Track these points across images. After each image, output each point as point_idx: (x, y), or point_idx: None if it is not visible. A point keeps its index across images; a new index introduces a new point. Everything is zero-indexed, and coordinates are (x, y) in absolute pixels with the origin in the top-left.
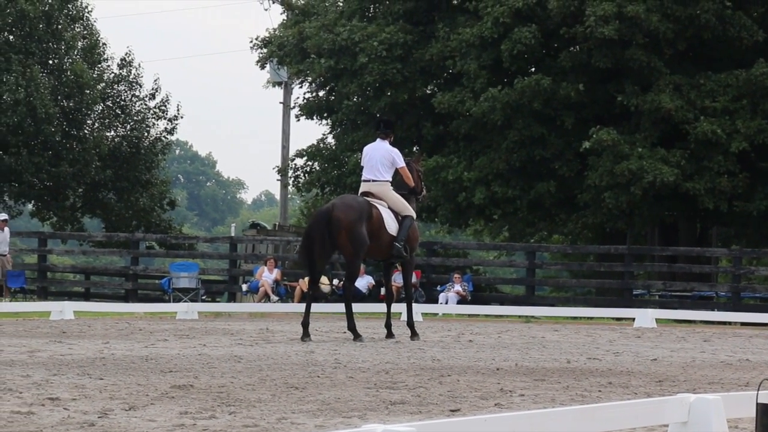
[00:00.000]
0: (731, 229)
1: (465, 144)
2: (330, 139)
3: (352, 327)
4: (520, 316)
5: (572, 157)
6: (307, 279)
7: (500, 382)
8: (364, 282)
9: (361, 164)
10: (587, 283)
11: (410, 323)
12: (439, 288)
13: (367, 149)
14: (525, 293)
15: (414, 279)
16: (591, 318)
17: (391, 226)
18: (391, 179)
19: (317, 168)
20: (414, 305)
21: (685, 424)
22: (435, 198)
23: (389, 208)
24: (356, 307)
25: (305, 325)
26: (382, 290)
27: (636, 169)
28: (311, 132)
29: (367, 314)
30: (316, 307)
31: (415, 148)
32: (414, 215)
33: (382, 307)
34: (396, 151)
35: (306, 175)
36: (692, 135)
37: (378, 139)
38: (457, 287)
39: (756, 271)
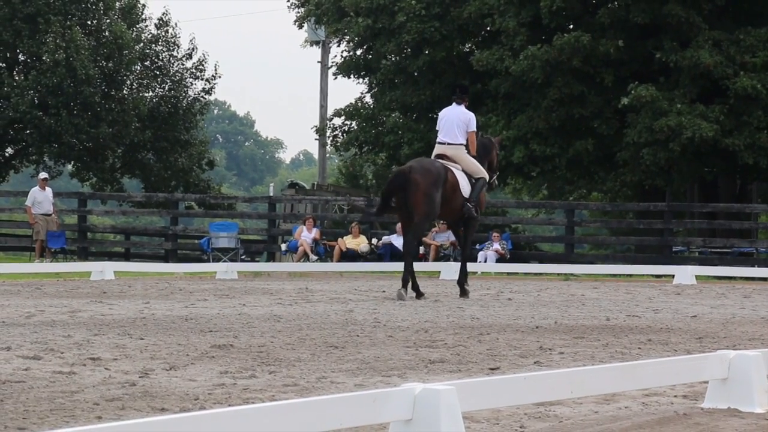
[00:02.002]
0: None
1: (504, 102)
2: (368, 99)
3: (414, 286)
4: (559, 274)
5: (611, 114)
6: (345, 238)
7: (539, 340)
8: (400, 241)
9: (437, 128)
10: (626, 241)
11: (461, 282)
12: (477, 246)
13: (444, 113)
14: (564, 251)
15: (453, 238)
16: (630, 275)
17: (465, 189)
18: (465, 142)
19: (355, 127)
20: (452, 263)
21: (725, 381)
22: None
23: (463, 170)
24: (395, 266)
25: (405, 282)
26: (420, 249)
27: (675, 125)
28: (349, 91)
29: (400, 273)
30: (353, 266)
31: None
32: (487, 177)
33: (418, 266)
34: (472, 114)
35: (344, 134)
36: (731, 90)
37: (454, 104)
38: (496, 245)
39: None
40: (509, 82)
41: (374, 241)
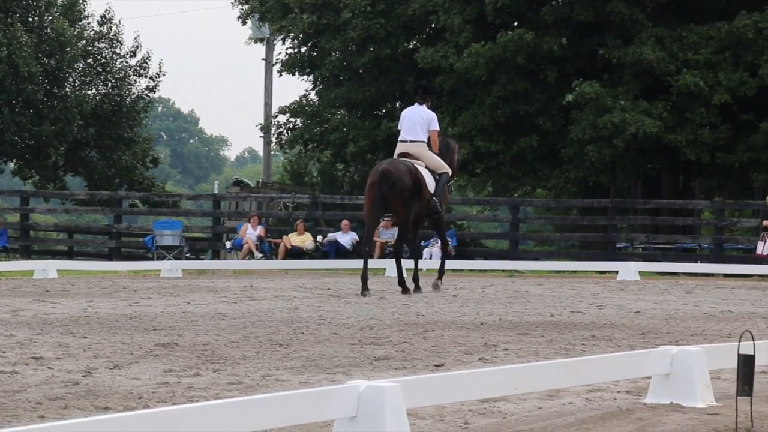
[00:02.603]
0: (713, 181)
1: (448, 99)
2: (313, 96)
3: (401, 282)
4: (504, 271)
5: (555, 111)
6: (290, 235)
7: (484, 337)
8: (348, 238)
9: (399, 127)
10: (571, 237)
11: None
12: (423, 243)
13: (405, 112)
14: (509, 248)
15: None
16: (574, 271)
17: (431, 185)
18: (427, 140)
19: (300, 125)
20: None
21: (667, 376)
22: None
23: (426, 167)
24: (340, 263)
25: (364, 279)
26: None
27: (618, 121)
28: (294, 88)
29: (351, 270)
30: (298, 263)
31: (398, 104)
32: (450, 172)
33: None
34: (434, 114)
35: (289, 131)
36: (674, 87)
37: (416, 104)
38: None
39: (738, 222)
40: (454, 79)
41: (319, 238)
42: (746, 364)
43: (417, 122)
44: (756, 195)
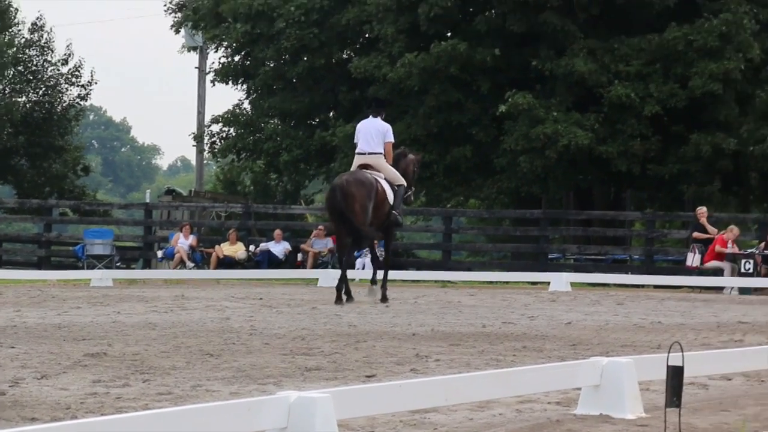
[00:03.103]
0: (644, 192)
1: None
2: (246, 105)
3: (345, 289)
4: (436, 281)
5: (488, 122)
6: (223, 245)
7: (416, 348)
8: (281, 247)
9: (355, 140)
10: (503, 248)
11: (384, 286)
12: (356, 254)
13: (361, 125)
14: (441, 258)
15: (330, 244)
16: (506, 282)
17: (390, 196)
18: (383, 152)
19: (233, 134)
20: (329, 271)
21: (597, 388)
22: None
23: (385, 178)
24: (272, 273)
25: (339, 289)
26: (299, 256)
27: (551, 132)
28: (227, 97)
29: (284, 280)
30: (230, 273)
31: (331, 113)
32: (405, 184)
33: (296, 273)
34: (389, 126)
35: (222, 141)
36: (606, 99)
37: (370, 116)
38: None
39: (668, 234)
40: (387, 89)
41: (251, 248)
42: (675, 375)
43: (373, 134)
44: (686, 207)
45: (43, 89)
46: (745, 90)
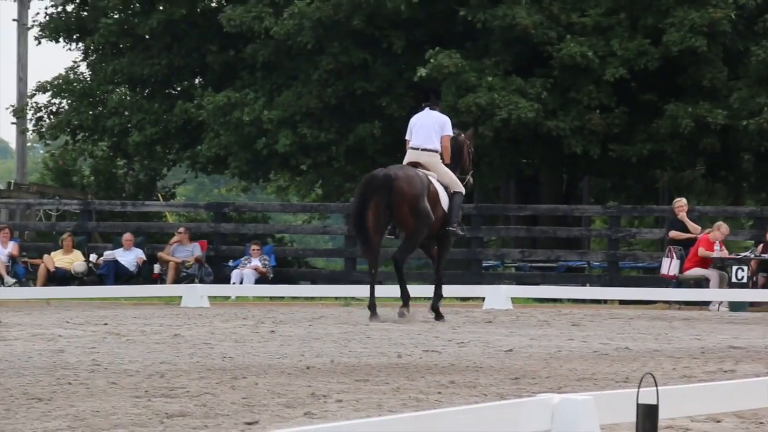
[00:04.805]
0: (606, 180)
1: (264, 75)
2: (83, 69)
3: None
4: (337, 298)
5: (403, 90)
6: (54, 254)
7: (311, 385)
8: (131, 256)
9: (407, 136)
10: (423, 254)
11: (435, 306)
12: (231, 263)
13: (415, 119)
14: (344, 268)
15: (198, 252)
16: (428, 298)
17: (445, 201)
18: (440, 149)
19: (66, 107)
20: (196, 286)
21: None
22: (226, 145)
23: (438, 180)
24: (121, 290)
25: (372, 307)
26: (155, 268)
27: (485, 103)
28: (58, 59)
29: (136, 299)
30: (65, 291)
31: (197, 79)
32: (463, 191)
33: (153, 290)
34: (447, 118)
35: (51, 116)
36: (556, 59)
37: (426, 109)
38: (255, 262)
39: (638, 233)
40: (271, 47)
41: (93, 257)
42: (647, 416)
43: (432, 128)
44: (660, 198)
45: None
46: (735, 46)
